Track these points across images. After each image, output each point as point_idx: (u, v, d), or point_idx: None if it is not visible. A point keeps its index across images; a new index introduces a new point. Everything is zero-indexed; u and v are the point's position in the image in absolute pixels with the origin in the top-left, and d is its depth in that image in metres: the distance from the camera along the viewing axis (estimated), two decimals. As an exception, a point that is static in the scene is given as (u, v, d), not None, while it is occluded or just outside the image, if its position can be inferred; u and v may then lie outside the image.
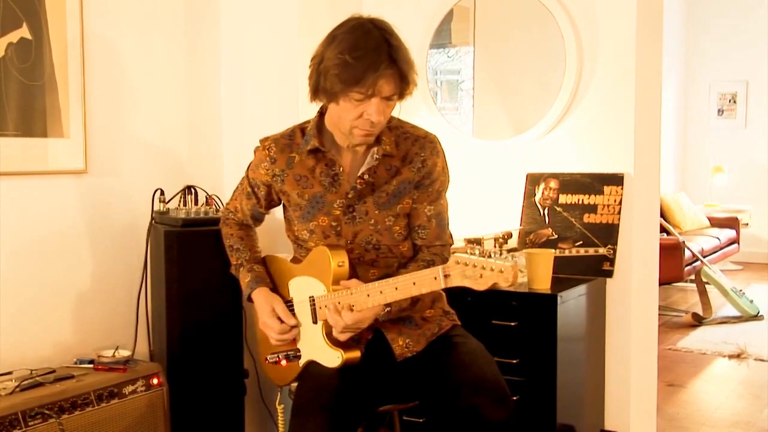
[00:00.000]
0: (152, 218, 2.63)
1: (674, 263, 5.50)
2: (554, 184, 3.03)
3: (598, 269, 2.91)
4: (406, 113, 2.12)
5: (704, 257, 5.86)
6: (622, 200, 2.91)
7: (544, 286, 2.67)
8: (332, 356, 1.96)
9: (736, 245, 7.04)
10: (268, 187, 2.13)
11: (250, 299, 2.15)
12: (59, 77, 2.46)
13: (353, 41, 1.83)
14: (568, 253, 2.95)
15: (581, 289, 2.77)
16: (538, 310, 2.62)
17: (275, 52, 2.94)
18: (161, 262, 2.51)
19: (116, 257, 2.66)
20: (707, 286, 5.66)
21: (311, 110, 2.09)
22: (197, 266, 2.47)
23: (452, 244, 2.16)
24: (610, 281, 2.93)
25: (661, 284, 3.39)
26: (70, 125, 2.49)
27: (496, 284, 1.68)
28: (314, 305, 2.01)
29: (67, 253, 2.53)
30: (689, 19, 8.44)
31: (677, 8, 8.22)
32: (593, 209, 2.95)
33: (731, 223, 7.16)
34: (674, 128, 8.33)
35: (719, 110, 8.42)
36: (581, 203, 2.97)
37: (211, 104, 3.02)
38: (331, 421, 1.82)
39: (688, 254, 5.68)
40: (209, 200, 2.69)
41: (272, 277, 2.18)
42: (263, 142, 2.11)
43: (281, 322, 2.05)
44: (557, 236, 2.99)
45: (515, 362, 2.63)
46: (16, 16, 2.35)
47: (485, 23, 3.36)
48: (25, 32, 2.37)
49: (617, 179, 2.92)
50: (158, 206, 2.65)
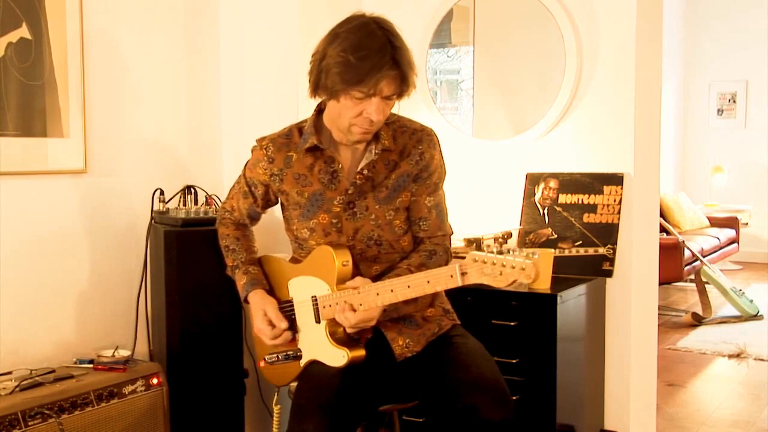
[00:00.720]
0: (152, 218, 2.64)
1: (674, 263, 5.50)
2: (554, 183, 3.03)
3: (597, 269, 2.91)
4: (405, 113, 2.12)
5: (704, 257, 5.86)
6: (621, 200, 2.91)
7: (543, 285, 2.67)
8: (337, 355, 1.96)
9: (735, 245, 7.05)
10: (265, 186, 2.12)
11: (246, 301, 2.14)
12: (59, 77, 2.46)
13: (356, 41, 1.83)
14: (567, 252, 2.95)
15: (581, 288, 2.77)
16: (537, 309, 2.62)
17: (275, 51, 2.94)
18: (161, 261, 2.51)
19: (116, 257, 2.66)
20: (707, 285, 5.66)
21: (311, 109, 2.09)
22: (197, 266, 2.47)
23: (452, 233, 2.16)
24: (609, 281, 2.93)
25: (660, 284, 3.40)
26: (69, 125, 2.49)
27: (516, 282, 1.71)
28: (317, 305, 2.01)
29: (67, 253, 2.53)
30: (689, 19, 8.44)
31: (677, 8, 8.22)
32: (593, 209, 2.95)
33: (731, 222, 7.17)
34: (674, 128, 8.32)
35: (719, 110, 8.41)
36: (581, 203, 2.97)
37: (210, 104, 3.02)
38: (331, 421, 1.82)
39: (687, 254, 5.69)
40: (209, 200, 2.69)
41: (269, 278, 2.17)
42: (260, 141, 2.11)
43: (273, 326, 2.05)
44: (557, 236, 2.99)
45: (515, 362, 2.63)
46: (15, 15, 2.34)
47: (485, 23, 3.36)
48: (24, 32, 2.37)
49: (617, 179, 2.92)
50: (158, 206, 2.65)
